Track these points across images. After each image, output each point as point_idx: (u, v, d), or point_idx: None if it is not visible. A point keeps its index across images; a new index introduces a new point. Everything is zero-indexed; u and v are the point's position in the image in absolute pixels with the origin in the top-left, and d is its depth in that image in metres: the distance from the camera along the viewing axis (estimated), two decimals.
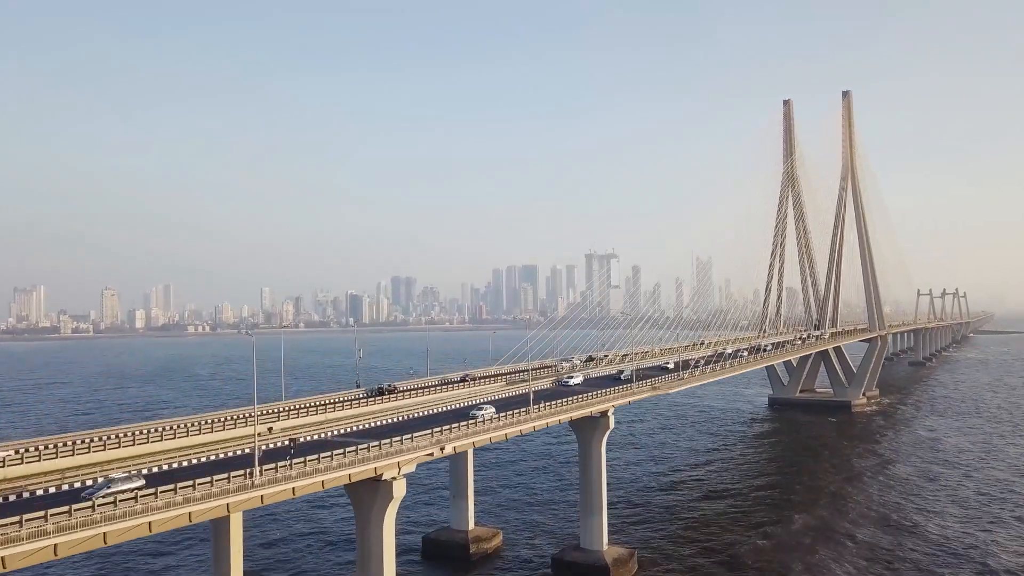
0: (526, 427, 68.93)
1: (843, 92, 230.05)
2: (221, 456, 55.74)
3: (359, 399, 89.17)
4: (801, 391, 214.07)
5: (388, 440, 54.79)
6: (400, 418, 76.02)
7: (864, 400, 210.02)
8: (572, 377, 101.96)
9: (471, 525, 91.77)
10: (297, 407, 79.23)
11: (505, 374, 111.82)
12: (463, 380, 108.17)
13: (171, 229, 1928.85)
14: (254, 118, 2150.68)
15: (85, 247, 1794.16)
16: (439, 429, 59.35)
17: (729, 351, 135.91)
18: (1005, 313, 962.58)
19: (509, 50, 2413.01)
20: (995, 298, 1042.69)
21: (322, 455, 49.76)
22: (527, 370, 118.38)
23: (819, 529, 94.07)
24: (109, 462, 52.29)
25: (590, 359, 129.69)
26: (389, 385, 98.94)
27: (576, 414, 77.70)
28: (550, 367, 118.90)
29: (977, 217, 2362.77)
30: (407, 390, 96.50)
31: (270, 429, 66.33)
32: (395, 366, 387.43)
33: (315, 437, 62.63)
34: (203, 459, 54.39)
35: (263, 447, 58.82)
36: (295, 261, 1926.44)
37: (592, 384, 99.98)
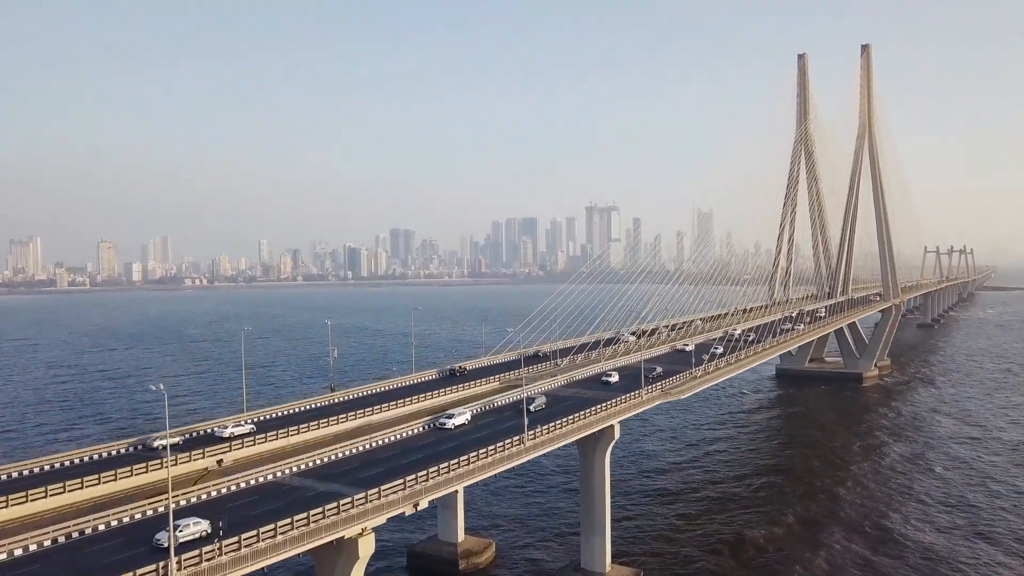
0: (521, 460, 59.39)
1: (862, 46, 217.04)
2: (149, 514, 45.49)
3: (336, 404, 79.94)
4: (810, 361, 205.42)
5: (349, 499, 44.68)
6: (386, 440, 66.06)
7: (876, 372, 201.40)
8: (452, 416, 71.56)
9: (461, 536, 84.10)
10: (257, 420, 69.66)
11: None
12: (537, 354, 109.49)
13: (169, 180, 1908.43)
14: (254, 79, 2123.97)
15: (82, 198, 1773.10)
16: (412, 476, 49.18)
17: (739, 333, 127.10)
18: (1006, 267, 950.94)
19: (511, 20, 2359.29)
20: (997, 250, 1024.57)
21: (263, 530, 39.89)
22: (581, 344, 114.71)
23: (833, 539, 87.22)
24: None
25: (642, 333, 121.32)
26: (460, 367, 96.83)
27: (579, 435, 68.10)
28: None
29: (977, 182, 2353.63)
30: (474, 371, 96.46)
31: (220, 462, 56.65)
32: (389, 327, 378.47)
33: (270, 478, 52.60)
34: (118, 521, 44.00)
35: (203, 496, 49.19)
36: (293, 214, 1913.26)
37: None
